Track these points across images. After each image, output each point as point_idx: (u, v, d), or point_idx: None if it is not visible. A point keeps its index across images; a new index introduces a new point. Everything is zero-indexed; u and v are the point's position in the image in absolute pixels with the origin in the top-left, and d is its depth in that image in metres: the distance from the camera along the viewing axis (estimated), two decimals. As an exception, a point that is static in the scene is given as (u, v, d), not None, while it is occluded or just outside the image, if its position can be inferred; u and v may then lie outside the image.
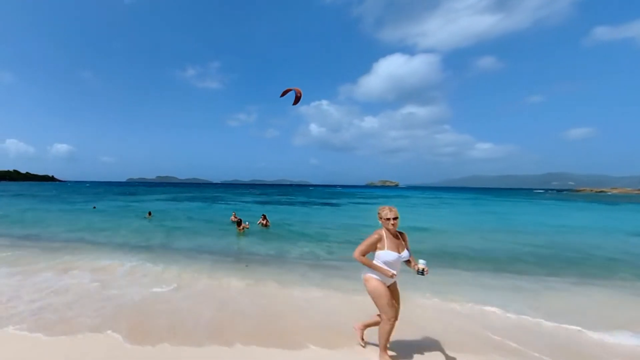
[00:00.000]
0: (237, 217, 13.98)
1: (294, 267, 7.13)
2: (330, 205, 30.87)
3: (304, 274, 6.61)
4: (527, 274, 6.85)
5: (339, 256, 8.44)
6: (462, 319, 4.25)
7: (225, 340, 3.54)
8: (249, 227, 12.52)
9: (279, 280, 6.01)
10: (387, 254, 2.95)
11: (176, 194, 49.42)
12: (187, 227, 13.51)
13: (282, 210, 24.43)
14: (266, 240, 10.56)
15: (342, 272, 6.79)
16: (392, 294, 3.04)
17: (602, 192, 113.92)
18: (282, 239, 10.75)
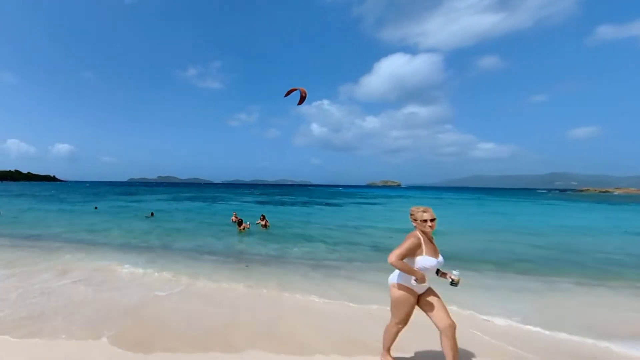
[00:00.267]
0: (237, 217, 13.92)
1: (295, 268, 7.07)
2: (331, 205, 30.76)
3: (305, 274, 6.54)
4: (530, 275, 6.75)
5: (339, 256, 8.38)
6: (463, 323, 4.11)
7: (227, 345, 3.41)
8: (249, 227, 12.50)
9: (280, 281, 5.94)
10: (425, 260, 2.62)
11: (177, 194, 49.47)
12: (188, 228, 13.47)
13: (283, 210, 24.35)
14: (267, 240, 10.51)
15: (343, 273, 6.73)
16: (431, 304, 2.71)
17: (607, 192, 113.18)
18: (282, 239, 10.69)
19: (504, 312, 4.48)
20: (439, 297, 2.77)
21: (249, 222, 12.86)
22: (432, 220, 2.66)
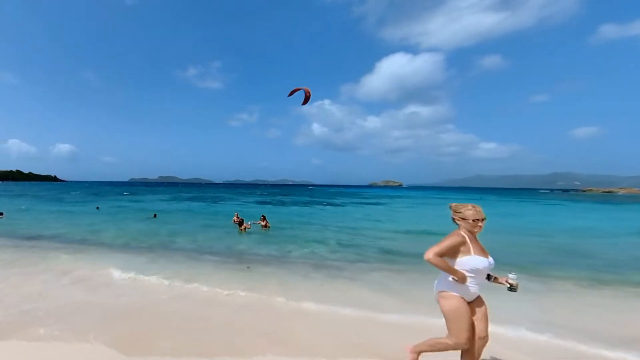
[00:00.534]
0: (239, 218, 13.80)
1: (297, 268, 6.99)
2: (332, 205, 30.63)
3: (307, 274, 6.47)
4: (536, 276, 6.58)
5: (340, 257, 8.30)
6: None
7: (229, 348, 3.29)
8: (250, 228, 12.42)
9: (281, 282, 5.85)
10: (475, 260, 2.34)
11: (178, 194, 49.46)
12: (189, 228, 13.42)
13: (284, 210, 24.24)
14: (268, 240, 10.44)
15: (345, 274, 6.65)
16: (475, 313, 2.45)
17: (610, 192, 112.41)
18: (283, 240, 10.61)
19: (513, 318, 4.22)
20: (485, 306, 2.50)
21: (250, 223, 12.78)
22: (482, 220, 2.43)
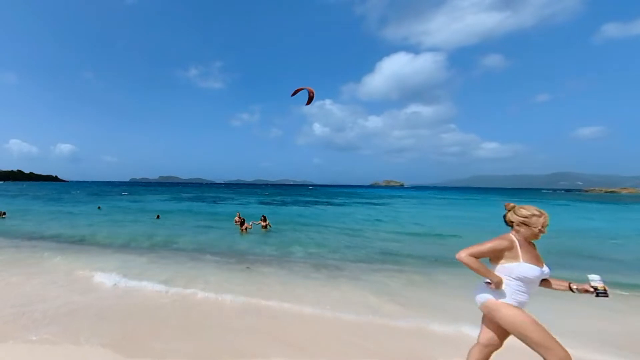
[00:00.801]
0: (241, 218, 13.67)
1: (298, 269, 6.93)
2: (333, 205, 30.46)
3: (308, 275, 6.41)
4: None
5: (342, 257, 8.24)
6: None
7: (230, 350, 3.20)
8: (251, 228, 12.32)
9: (282, 282, 5.80)
10: (525, 269, 2.06)
11: (179, 194, 49.43)
12: (190, 228, 13.35)
13: (285, 210, 24.09)
14: (269, 241, 10.37)
15: (345, 273, 6.59)
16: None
17: (613, 192, 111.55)
18: (284, 240, 10.54)
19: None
20: None
21: (251, 223, 12.67)
22: (544, 226, 2.18)
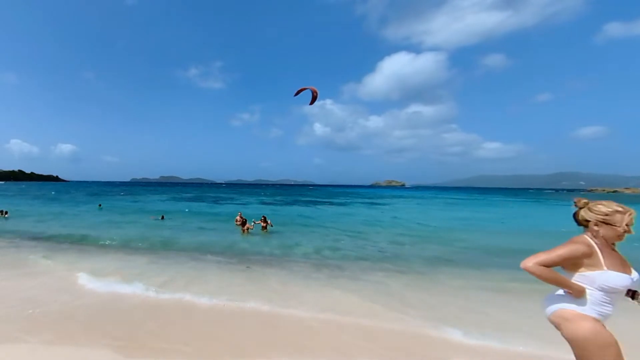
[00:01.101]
0: (243, 218, 13.52)
1: (298, 269, 6.89)
2: (334, 205, 30.29)
3: (308, 275, 6.38)
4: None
5: (342, 256, 8.20)
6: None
7: (231, 351, 3.15)
8: (253, 228, 12.22)
9: (282, 282, 5.77)
10: (611, 277, 1.73)
11: (180, 194, 49.37)
12: (191, 228, 13.29)
13: (285, 210, 23.93)
14: (270, 241, 10.33)
15: (346, 274, 6.55)
16: None
17: (616, 192, 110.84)
18: (285, 240, 10.49)
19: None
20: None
21: (253, 223, 12.54)
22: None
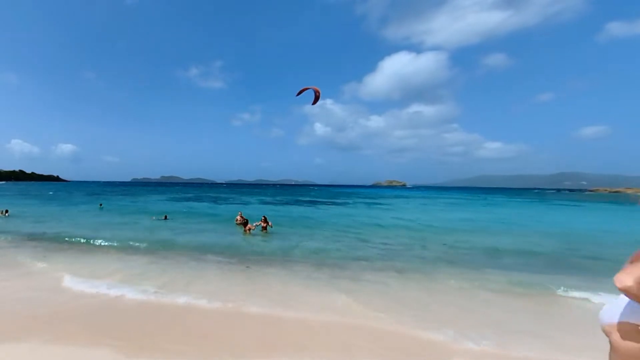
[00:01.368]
0: (243, 218, 13.38)
1: (299, 269, 6.89)
2: (335, 205, 30.18)
3: (309, 275, 6.36)
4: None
5: (342, 256, 8.18)
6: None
7: (231, 352, 3.14)
8: (254, 229, 12.16)
9: (283, 282, 5.77)
10: None
11: (181, 194, 49.34)
12: (191, 228, 13.27)
13: (286, 210, 23.83)
14: (270, 241, 10.33)
15: (347, 273, 6.55)
16: None
17: (618, 192, 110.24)
18: (286, 240, 10.46)
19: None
20: None
21: (254, 224, 12.46)
22: None
